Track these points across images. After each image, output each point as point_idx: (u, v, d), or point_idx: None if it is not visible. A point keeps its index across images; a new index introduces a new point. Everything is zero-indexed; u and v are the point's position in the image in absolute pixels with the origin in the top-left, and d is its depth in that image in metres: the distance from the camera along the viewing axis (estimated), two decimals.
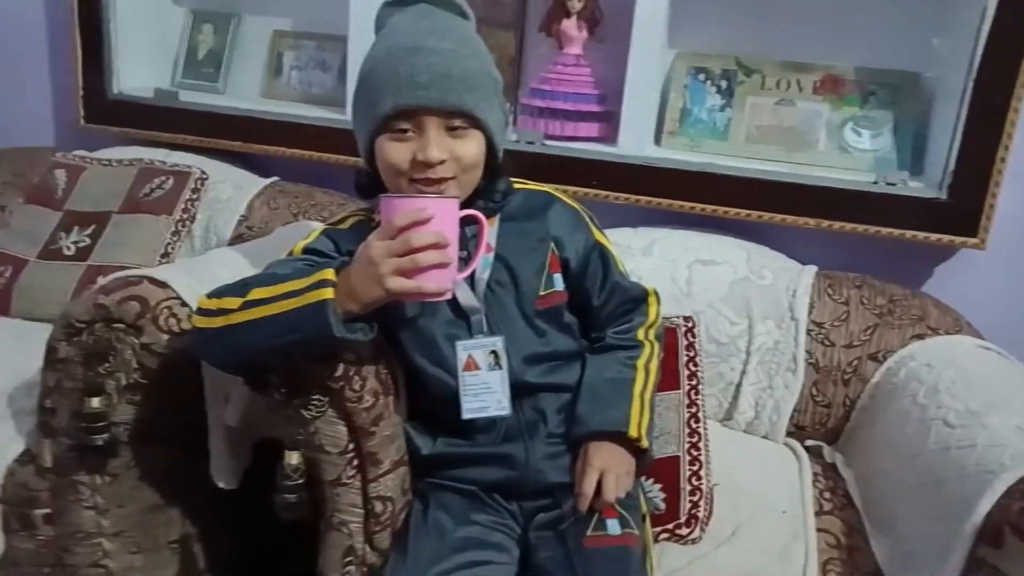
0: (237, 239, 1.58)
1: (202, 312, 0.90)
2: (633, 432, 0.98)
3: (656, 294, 1.13)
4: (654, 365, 1.07)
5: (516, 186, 1.06)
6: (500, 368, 0.96)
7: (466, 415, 0.96)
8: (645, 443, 0.99)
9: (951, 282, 1.46)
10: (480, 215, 0.92)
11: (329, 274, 0.84)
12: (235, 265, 1.18)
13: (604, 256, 1.08)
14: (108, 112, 1.80)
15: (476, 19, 1.01)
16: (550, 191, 1.09)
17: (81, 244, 1.55)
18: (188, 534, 1.24)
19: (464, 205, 0.92)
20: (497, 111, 0.95)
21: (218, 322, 0.88)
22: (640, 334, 1.08)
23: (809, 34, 1.51)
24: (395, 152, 0.91)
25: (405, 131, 0.90)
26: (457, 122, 0.91)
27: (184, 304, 1.03)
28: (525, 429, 1.00)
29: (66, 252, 1.54)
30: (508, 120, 0.99)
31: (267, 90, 1.87)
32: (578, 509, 0.96)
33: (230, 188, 1.66)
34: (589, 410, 1.00)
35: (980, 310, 1.36)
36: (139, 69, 1.84)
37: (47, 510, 1.09)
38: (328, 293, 0.83)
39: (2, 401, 1.19)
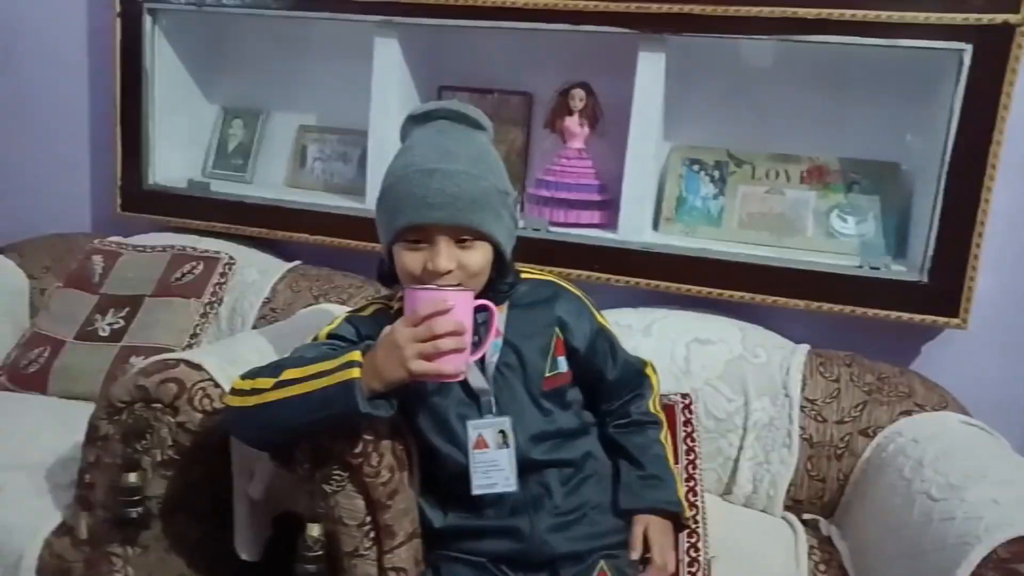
0: (261, 320, 1.68)
1: (236, 392, 0.99)
2: (686, 514, 1.12)
3: (652, 365, 1.25)
4: (667, 436, 1.19)
5: (523, 275, 1.16)
6: (508, 447, 1.04)
7: (476, 491, 1.04)
8: (693, 524, 1.15)
9: (937, 360, 1.53)
10: (492, 305, 1.01)
11: (356, 356, 0.94)
12: (261, 348, 1.28)
13: (609, 338, 1.18)
14: (143, 201, 1.93)
15: (489, 116, 1.11)
16: (554, 280, 1.19)
17: (116, 326, 1.65)
18: None
19: (476, 295, 1.02)
20: (505, 221, 1.05)
21: (252, 400, 0.97)
22: (651, 406, 1.19)
23: (795, 128, 1.63)
24: (409, 261, 1.02)
25: (418, 242, 1.01)
26: (465, 237, 1.01)
27: (217, 385, 1.12)
28: (531, 503, 1.06)
29: (101, 333, 1.64)
30: (517, 224, 1.10)
31: (292, 180, 2.00)
32: None
33: (255, 272, 1.77)
34: (643, 485, 1.12)
35: (964, 387, 1.43)
36: (173, 161, 1.98)
37: None
38: (356, 373, 0.92)
39: (40, 475, 1.27)
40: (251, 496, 1.17)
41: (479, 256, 1.03)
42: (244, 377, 1.00)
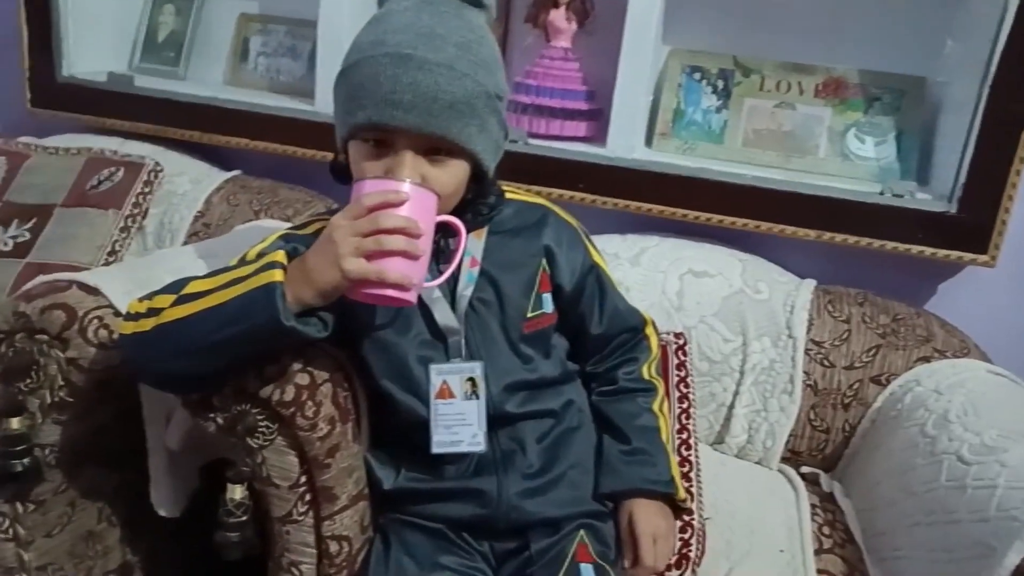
0: (193, 237, 1.46)
1: (130, 317, 0.79)
2: (681, 494, 0.93)
3: (654, 324, 1.06)
4: (666, 407, 1.00)
5: (508, 195, 0.95)
6: (477, 398, 0.86)
7: (436, 449, 0.86)
8: (690, 503, 0.94)
9: (957, 301, 1.37)
10: (460, 224, 0.81)
11: (279, 256, 0.75)
12: (184, 268, 1.06)
13: (601, 279, 0.99)
14: (57, 96, 1.66)
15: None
16: (546, 204, 1.00)
17: (20, 239, 1.42)
18: (128, 563, 1.13)
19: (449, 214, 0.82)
20: (492, 131, 0.84)
21: (148, 324, 0.77)
22: (645, 372, 1.00)
23: (811, 34, 1.43)
24: (366, 166, 0.81)
25: (380, 144, 0.80)
26: (437, 149, 0.80)
27: (118, 313, 0.91)
28: (500, 461, 0.89)
29: (3, 248, 1.41)
30: (507, 135, 0.88)
31: (232, 77, 1.74)
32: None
33: (187, 182, 1.54)
34: (629, 463, 0.92)
35: (986, 331, 1.28)
36: (93, 51, 1.71)
37: None
38: (277, 275, 0.73)
39: None
40: (168, 445, 0.98)
41: (452, 174, 0.82)
42: (141, 299, 0.80)
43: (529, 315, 0.92)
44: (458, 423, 0.86)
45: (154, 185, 1.49)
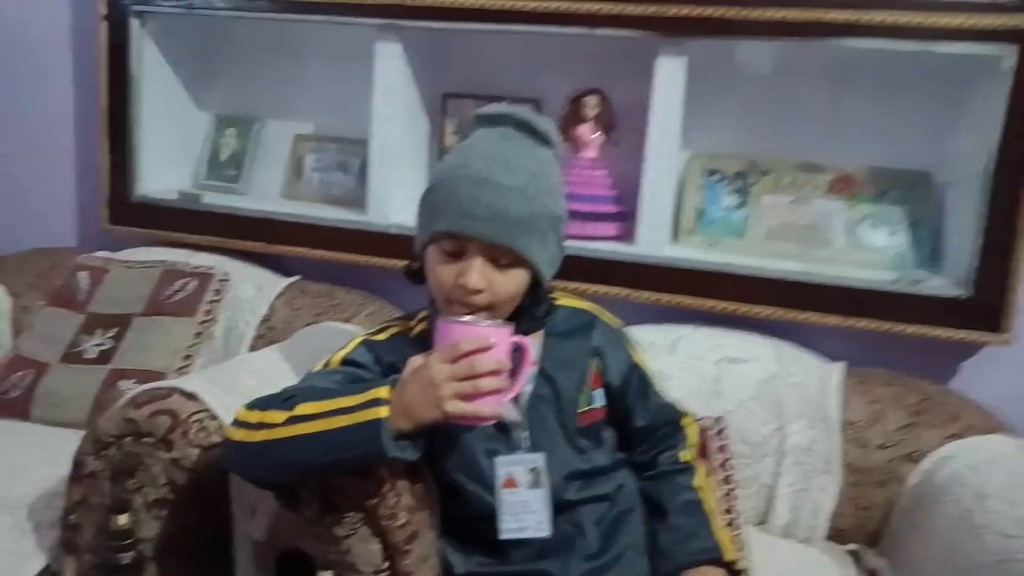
0: (259, 339, 1.58)
1: (241, 424, 0.89)
2: (729, 555, 0.98)
3: (691, 416, 1.14)
4: (709, 482, 1.07)
5: (558, 303, 1.06)
6: (541, 487, 0.94)
7: (504, 535, 0.94)
8: (742, 563, 0.99)
9: (980, 378, 1.44)
10: (527, 344, 0.92)
11: (383, 392, 0.84)
12: (262, 373, 1.18)
13: (643, 377, 1.09)
14: (131, 213, 1.82)
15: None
16: (592, 309, 1.11)
17: (104, 347, 1.54)
18: None
19: (507, 319, 0.93)
20: (550, 248, 0.96)
21: (259, 436, 0.87)
22: (683, 455, 1.08)
23: (821, 136, 1.55)
24: (441, 270, 0.93)
25: (454, 253, 0.92)
26: (502, 259, 0.92)
27: (214, 417, 1.02)
28: (561, 544, 0.96)
29: (88, 355, 1.53)
30: (563, 252, 1.01)
31: (288, 191, 1.90)
32: None
33: (251, 288, 1.67)
34: (674, 542, 0.99)
35: (1011, 408, 1.35)
36: (163, 171, 1.88)
37: None
38: (383, 412, 0.82)
39: (22, 513, 1.17)
40: (253, 537, 1.07)
41: (514, 281, 0.94)
42: (250, 407, 0.90)
43: (582, 409, 1.01)
44: (524, 510, 0.93)
45: (223, 293, 1.62)
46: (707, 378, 1.38)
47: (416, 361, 0.87)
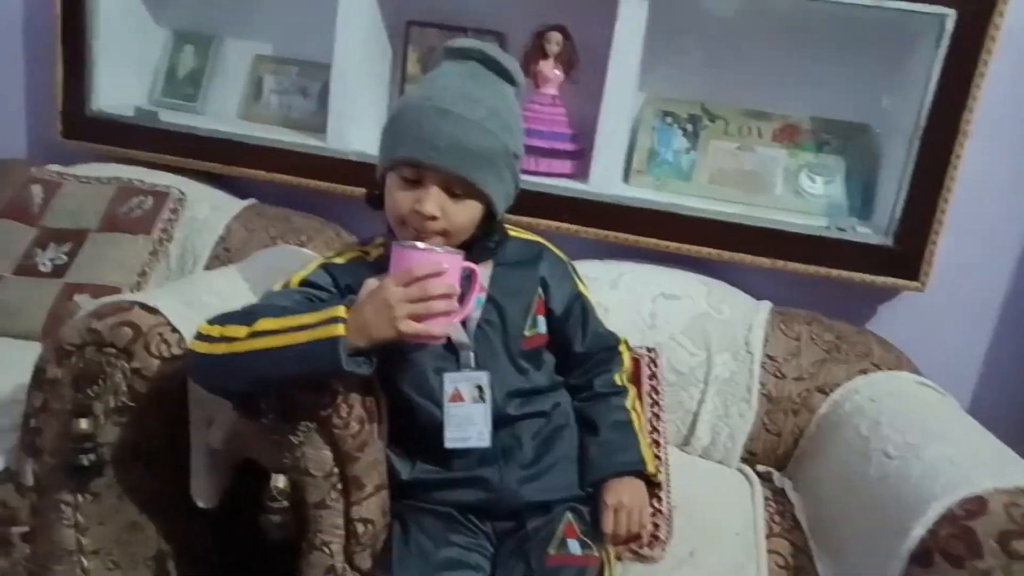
0: (214, 260, 1.61)
1: (203, 338, 0.94)
2: (651, 469, 1.09)
3: (626, 343, 1.23)
4: (638, 404, 1.17)
5: (511, 234, 1.13)
6: (484, 402, 1.03)
7: (448, 444, 1.02)
8: (660, 476, 1.11)
9: (894, 321, 1.57)
10: (476, 268, 0.99)
11: (341, 311, 0.90)
12: (221, 291, 1.22)
13: (585, 306, 1.17)
14: (86, 128, 1.81)
15: None
16: (542, 242, 1.18)
17: (58, 261, 1.56)
18: (163, 551, 1.26)
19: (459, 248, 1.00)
20: (506, 182, 1.02)
21: (220, 348, 0.92)
22: (618, 379, 1.17)
23: (770, 84, 1.62)
24: (399, 197, 0.99)
25: (412, 181, 0.98)
26: (457, 189, 0.98)
27: (174, 330, 1.07)
28: (500, 454, 1.06)
29: (42, 268, 1.55)
30: (518, 187, 1.07)
31: (246, 112, 1.90)
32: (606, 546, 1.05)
33: (208, 209, 1.69)
34: (603, 455, 1.09)
35: (919, 349, 1.47)
36: (119, 86, 1.86)
37: (25, 528, 1.11)
38: (340, 330, 0.88)
39: None
40: (210, 445, 1.13)
41: (467, 212, 1.00)
42: (212, 322, 0.95)
43: (526, 334, 1.09)
44: (467, 423, 1.02)
45: (179, 212, 1.64)
46: (644, 313, 1.47)
47: (372, 283, 0.93)
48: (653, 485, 1.12)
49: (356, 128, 1.68)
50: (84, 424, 1.04)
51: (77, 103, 1.80)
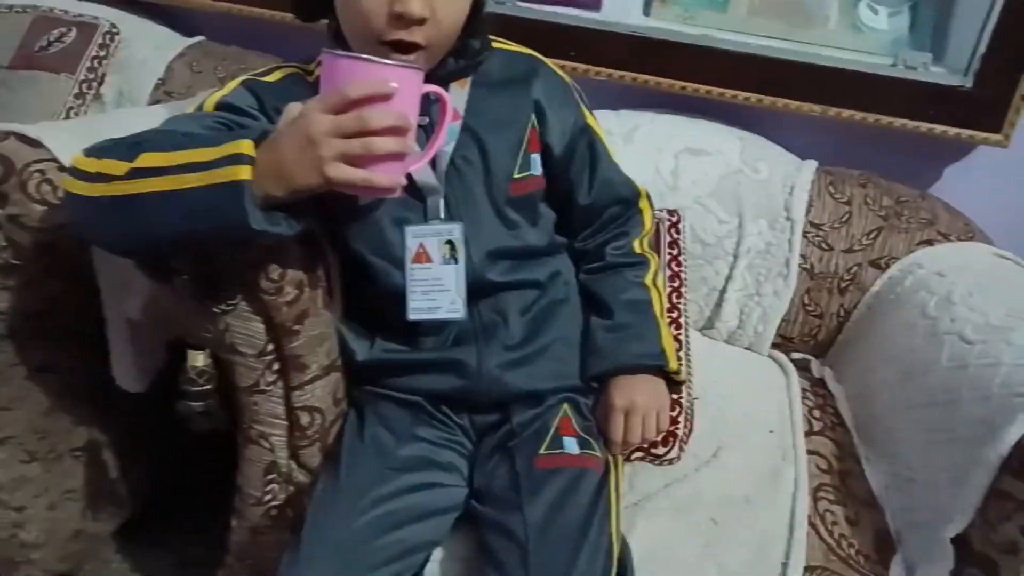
0: (155, 105, 1.34)
1: (77, 174, 0.70)
2: (672, 365, 0.86)
3: (649, 197, 0.98)
4: (660, 280, 0.92)
5: (495, 45, 0.87)
6: (456, 262, 0.80)
7: (412, 316, 0.80)
8: (683, 375, 0.88)
9: (965, 184, 1.30)
10: (444, 93, 0.73)
11: (246, 146, 0.65)
12: (135, 129, 0.97)
13: (594, 143, 0.91)
14: None
15: None
16: (536, 56, 0.91)
17: None
18: (96, 441, 1.08)
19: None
20: None
21: (98, 190, 0.68)
22: (637, 246, 0.93)
23: None
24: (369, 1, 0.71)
25: None
26: None
27: (63, 168, 0.83)
28: (480, 332, 0.84)
29: None
30: None
31: None
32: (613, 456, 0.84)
33: (147, 47, 1.42)
34: (614, 342, 0.86)
35: (994, 215, 1.22)
36: None
37: None
38: (244, 172, 0.64)
39: None
40: (129, 315, 0.92)
41: (457, 6, 0.74)
42: (88, 153, 0.70)
43: (516, 176, 0.84)
44: (436, 288, 0.80)
45: (110, 49, 1.38)
46: (664, 171, 1.22)
47: (294, 108, 0.67)
48: (674, 384, 0.89)
49: None
50: None
51: None
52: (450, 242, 0.80)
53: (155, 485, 1.20)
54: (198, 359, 0.79)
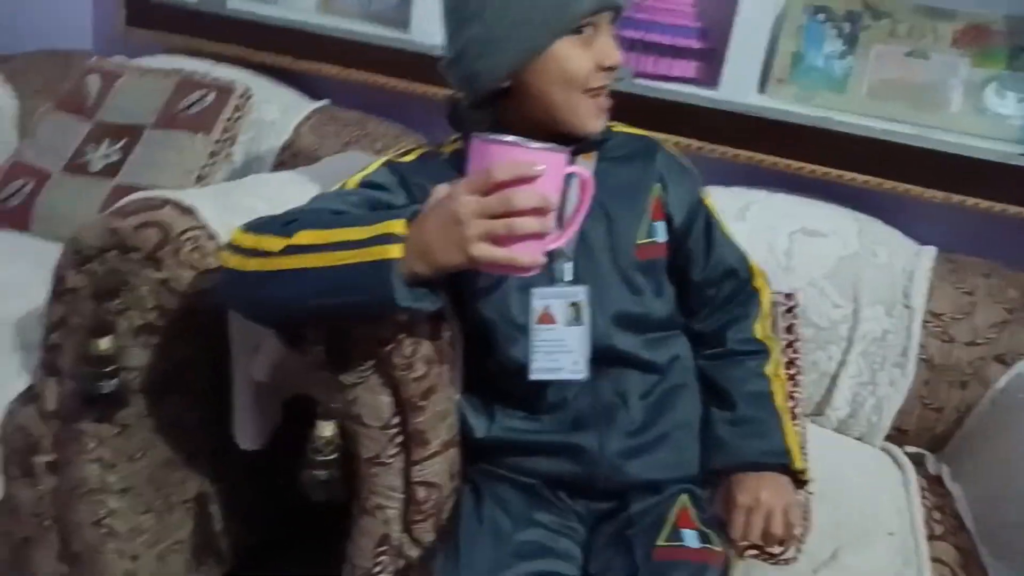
0: (280, 167, 1.43)
1: (235, 249, 0.75)
2: (798, 464, 0.84)
3: (765, 276, 0.97)
4: (782, 370, 0.91)
5: (615, 129, 0.89)
6: (581, 324, 0.80)
7: (534, 375, 0.80)
8: (808, 475, 0.86)
9: None
10: (586, 173, 0.74)
11: (398, 226, 0.68)
12: (274, 197, 1.02)
13: (710, 220, 0.92)
14: (151, 15, 1.64)
15: None
16: (653, 137, 0.93)
17: (110, 159, 1.40)
18: (205, 493, 1.12)
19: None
20: None
21: (252, 264, 0.73)
22: (759, 331, 0.91)
23: None
24: (579, 59, 0.78)
25: (585, 35, 0.78)
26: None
27: (211, 236, 0.88)
28: (601, 415, 0.84)
29: (92, 168, 1.40)
30: None
31: (323, 4, 1.68)
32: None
33: (276, 110, 1.50)
34: (740, 435, 0.84)
35: None
36: None
37: (50, 458, 0.97)
38: (395, 251, 0.67)
39: (8, 331, 1.07)
40: (255, 377, 0.96)
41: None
42: (246, 229, 0.75)
43: (640, 241, 0.85)
44: (559, 350, 0.80)
45: (244, 111, 1.46)
46: (778, 251, 1.20)
47: (442, 190, 0.70)
48: (800, 482, 0.86)
49: None
50: (104, 344, 0.87)
51: None
52: (575, 304, 0.80)
53: (254, 541, 1.22)
54: (326, 429, 0.81)
